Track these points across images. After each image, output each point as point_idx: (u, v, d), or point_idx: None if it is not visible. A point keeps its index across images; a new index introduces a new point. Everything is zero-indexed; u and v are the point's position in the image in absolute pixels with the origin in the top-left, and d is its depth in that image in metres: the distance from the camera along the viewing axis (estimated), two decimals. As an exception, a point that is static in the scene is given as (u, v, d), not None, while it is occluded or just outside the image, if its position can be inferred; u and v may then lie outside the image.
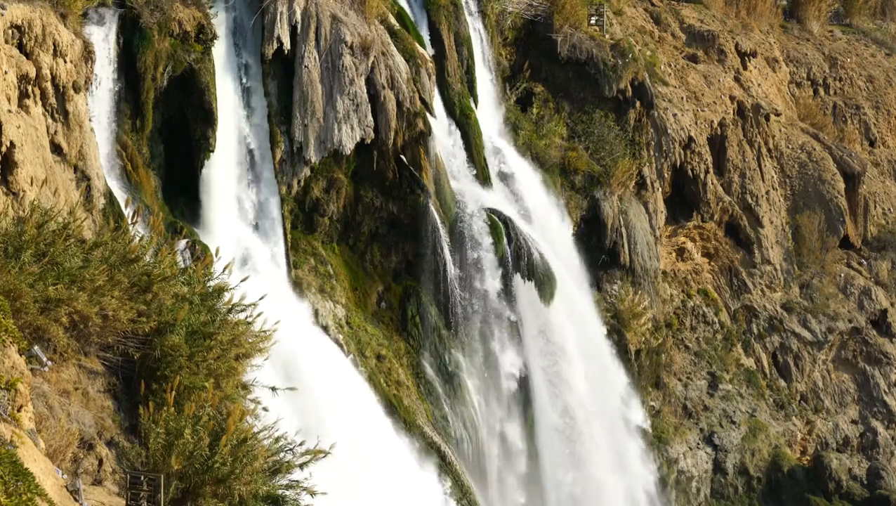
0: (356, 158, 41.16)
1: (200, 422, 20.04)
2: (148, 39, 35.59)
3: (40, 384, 20.25)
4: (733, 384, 55.42)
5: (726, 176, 57.78)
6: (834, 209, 61.33)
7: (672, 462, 51.88)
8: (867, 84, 70.20)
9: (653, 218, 52.22)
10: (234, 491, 19.84)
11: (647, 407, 51.37)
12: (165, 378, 21.35)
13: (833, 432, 58.01)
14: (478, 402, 43.18)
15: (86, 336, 21.57)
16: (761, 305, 58.06)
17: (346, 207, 41.74)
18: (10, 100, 28.74)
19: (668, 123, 54.41)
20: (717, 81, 58.77)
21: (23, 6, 30.10)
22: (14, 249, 20.80)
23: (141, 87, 35.71)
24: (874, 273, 62.11)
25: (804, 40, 70.06)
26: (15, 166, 28.06)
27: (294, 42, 39.57)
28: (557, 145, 50.14)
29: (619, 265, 50.18)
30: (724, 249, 57.63)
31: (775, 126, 61.77)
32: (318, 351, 37.59)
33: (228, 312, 23.41)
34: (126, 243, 22.65)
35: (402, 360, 41.71)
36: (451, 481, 39.79)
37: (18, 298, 20.01)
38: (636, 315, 50.10)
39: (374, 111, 40.59)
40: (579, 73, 51.43)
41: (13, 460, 15.23)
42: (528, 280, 43.83)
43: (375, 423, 38.00)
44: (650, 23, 61.00)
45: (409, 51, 42.47)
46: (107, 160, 34.57)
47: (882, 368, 59.88)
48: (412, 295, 42.44)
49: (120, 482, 19.91)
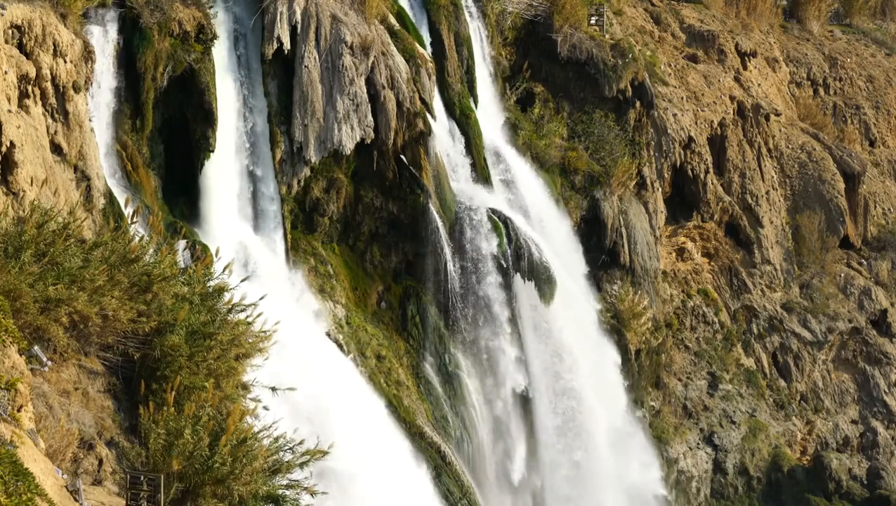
0: (356, 158, 41.15)
1: (200, 422, 20.04)
2: (148, 39, 35.59)
3: (40, 384, 20.24)
4: (733, 384, 55.41)
5: (726, 176, 57.78)
6: (834, 209, 61.33)
7: (672, 462, 51.87)
8: (867, 84, 70.20)
9: (653, 218, 52.22)
10: (233, 491, 19.83)
11: (647, 407, 51.38)
12: (165, 378, 21.34)
13: (833, 432, 58.00)
14: (478, 402, 43.18)
15: (86, 336, 21.56)
16: (761, 305, 58.06)
17: (346, 207, 41.73)
18: (10, 100, 28.74)
19: (668, 123, 54.41)
20: (717, 81, 58.76)
21: (23, 6, 30.10)
22: (14, 249, 20.78)
23: (141, 87, 35.71)
24: (874, 273, 62.11)
25: (804, 40, 70.06)
26: (15, 166, 28.07)
27: (294, 42, 39.57)
28: (557, 145, 50.14)
29: (619, 265, 50.18)
30: (724, 249, 57.62)
31: (775, 126, 61.76)
32: (317, 351, 37.57)
33: (228, 313, 23.38)
34: (126, 243, 22.62)
35: (402, 360, 41.71)
36: (450, 481, 39.77)
37: (18, 298, 19.99)
38: (636, 315, 50.10)
39: (374, 111, 40.58)
40: (579, 73, 51.44)
41: (13, 460, 15.22)
42: (528, 280, 43.84)
43: (375, 423, 37.98)
44: (650, 23, 61.00)
45: (409, 51, 42.46)
46: (107, 160, 34.57)
47: (882, 369, 59.88)
48: (412, 295, 42.45)
49: (120, 482, 19.90)
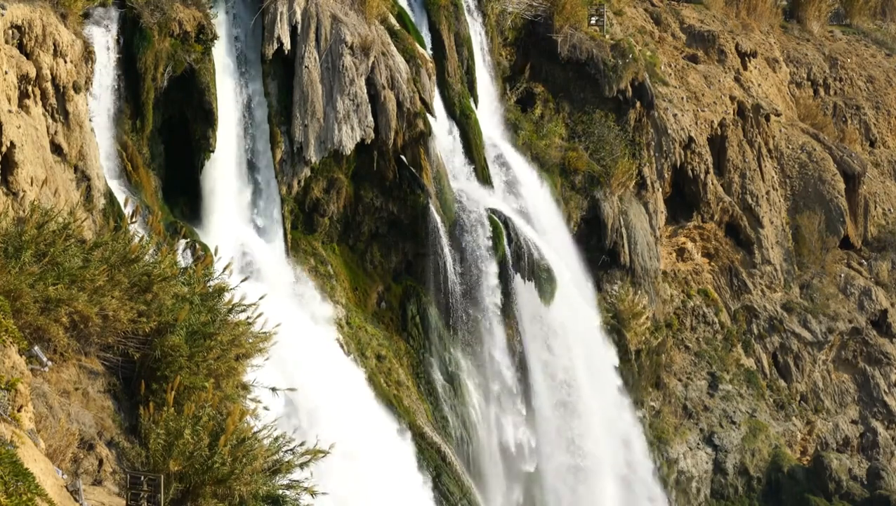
0: (356, 158, 41.14)
1: (200, 422, 20.01)
2: (148, 39, 35.59)
3: (40, 384, 20.22)
4: (733, 384, 55.41)
5: (726, 176, 57.78)
6: (834, 209, 61.33)
7: (672, 462, 51.87)
8: (867, 84, 70.19)
9: (653, 218, 52.22)
10: (234, 491, 19.82)
11: (647, 407, 51.37)
12: (165, 378, 21.31)
13: (833, 432, 57.99)
14: (478, 402, 43.19)
15: (86, 336, 21.54)
16: (761, 305, 58.05)
17: (346, 208, 41.73)
18: (10, 100, 28.75)
19: (668, 123, 54.40)
20: (717, 82, 58.76)
21: (23, 6, 30.10)
22: (14, 249, 20.74)
23: (141, 88, 35.72)
24: (874, 273, 62.11)
25: (804, 40, 70.06)
26: (15, 166, 28.08)
27: (294, 42, 39.56)
28: (557, 145, 50.15)
29: (619, 265, 50.19)
30: (724, 249, 57.62)
31: (775, 126, 61.76)
32: (318, 351, 37.56)
33: (229, 313, 23.35)
34: (126, 243, 22.60)
35: (402, 360, 41.70)
36: (450, 481, 39.77)
37: (18, 298, 19.97)
38: (636, 315, 50.10)
39: (375, 111, 40.58)
40: (579, 73, 51.44)
41: (13, 460, 15.21)
42: (528, 280, 43.84)
43: (375, 423, 37.97)
44: (650, 23, 61.00)
45: (410, 51, 42.45)
46: (107, 160, 34.57)
47: (882, 369, 59.88)
48: (412, 295, 42.44)
49: (120, 483, 19.89)
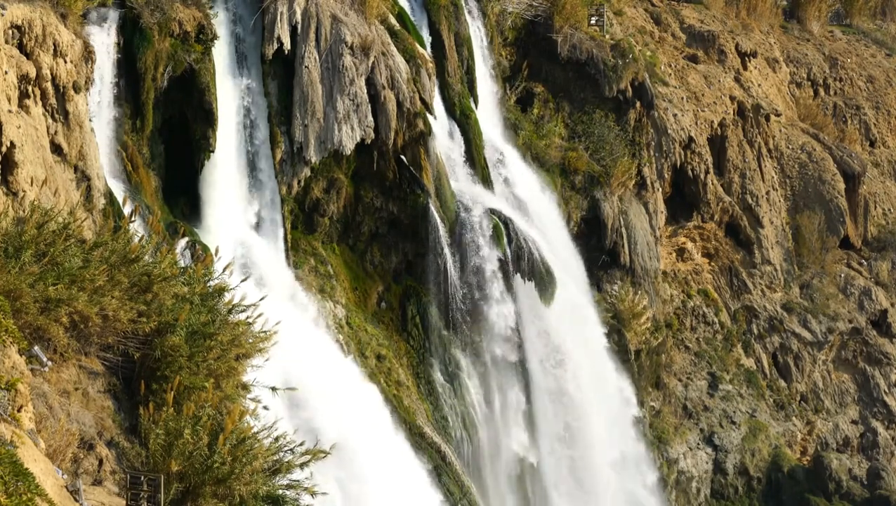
0: (356, 159, 41.14)
1: (200, 422, 20.01)
2: (148, 39, 35.59)
3: (40, 384, 20.22)
4: (733, 385, 55.41)
5: (726, 176, 57.78)
6: (834, 209, 61.32)
7: (672, 462, 51.87)
8: (867, 84, 70.19)
9: (653, 218, 52.22)
10: (234, 491, 19.81)
11: (647, 407, 51.36)
12: (165, 378, 21.30)
13: (833, 432, 57.99)
14: (478, 402, 43.18)
15: (86, 336, 21.53)
16: (761, 305, 58.05)
17: (346, 208, 41.72)
18: (10, 100, 28.74)
19: (668, 123, 54.40)
20: (717, 82, 58.76)
21: (23, 6, 30.10)
22: (14, 249, 20.73)
23: (141, 87, 35.72)
24: (874, 273, 62.10)
25: (804, 40, 70.06)
26: (15, 166, 28.07)
27: (294, 42, 39.56)
28: (557, 145, 50.14)
29: (619, 265, 50.19)
30: (724, 249, 57.62)
31: (775, 126, 61.76)
32: (318, 351, 37.56)
33: (229, 313, 23.34)
34: (126, 243, 22.58)
35: (403, 360, 41.70)
36: (450, 481, 39.76)
37: (18, 298, 19.96)
38: (636, 315, 50.10)
39: (375, 111, 40.57)
40: (579, 73, 51.44)
41: (13, 460, 15.20)
42: (528, 280, 43.83)
43: (375, 423, 37.96)
44: (650, 23, 61.00)
45: (410, 51, 42.44)
46: (107, 160, 34.57)
47: (882, 369, 59.87)
48: (412, 295, 42.44)
49: (120, 483, 19.88)
